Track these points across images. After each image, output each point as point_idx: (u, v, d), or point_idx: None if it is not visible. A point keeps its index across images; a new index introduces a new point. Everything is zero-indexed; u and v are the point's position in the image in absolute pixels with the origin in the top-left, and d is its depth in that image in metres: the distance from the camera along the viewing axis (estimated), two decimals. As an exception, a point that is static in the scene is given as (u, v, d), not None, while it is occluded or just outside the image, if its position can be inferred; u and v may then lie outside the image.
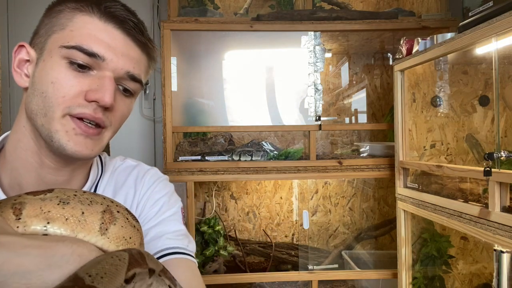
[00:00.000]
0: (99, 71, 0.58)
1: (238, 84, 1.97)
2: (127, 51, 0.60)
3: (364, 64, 2.28)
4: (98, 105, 0.57)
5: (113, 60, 0.58)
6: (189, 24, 1.75)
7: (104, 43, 0.57)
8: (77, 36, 0.57)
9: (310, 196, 2.26)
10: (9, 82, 2.27)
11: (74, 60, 0.56)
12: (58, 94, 0.56)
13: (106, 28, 0.58)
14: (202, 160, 1.76)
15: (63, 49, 0.56)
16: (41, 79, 0.57)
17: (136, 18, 0.62)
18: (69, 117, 0.57)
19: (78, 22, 0.58)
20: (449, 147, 1.61)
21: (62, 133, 0.56)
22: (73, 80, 0.56)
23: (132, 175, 0.73)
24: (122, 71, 0.60)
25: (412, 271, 1.60)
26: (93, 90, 0.57)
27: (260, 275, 1.85)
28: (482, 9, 1.09)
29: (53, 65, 0.57)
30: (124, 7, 0.61)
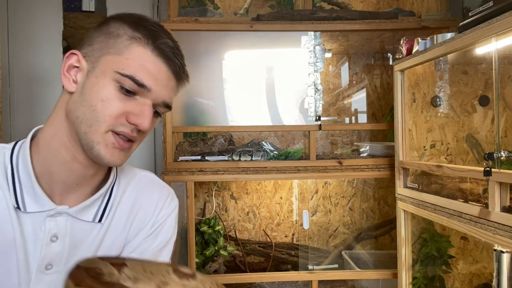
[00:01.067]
0: (142, 98, 0.68)
1: (238, 84, 1.97)
2: (167, 83, 0.70)
3: (364, 64, 2.28)
4: (136, 127, 0.68)
5: (156, 91, 0.68)
6: (189, 24, 1.75)
7: (152, 76, 0.67)
8: (132, 66, 0.66)
9: (310, 196, 2.26)
10: (9, 82, 2.27)
11: (124, 86, 0.66)
12: (106, 112, 0.65)
13: (156, 61, 0.68)
14: (202, 160, 1.76)
15: (117, 74, 0.66)
16: (92, 93, 0.66)
17: (181, 56, 0.72)
18: (111, 133, 0.67)
19: (134, 52, 0.67)
20: (449, 147, 1.61)
21: (103, 146, 0.66)
22: (119, 102, 0.66)
23: (155, 193, 0.83)
24: (160, 100, 0.70)
25: (412, 271, 1.60)
26: (135, 115, 0.67)
27: (260, 275, 1.85)
28: (482, 9, 1.09)
29: (105, 85, 0.66)
30: (174, 43, 0.71)
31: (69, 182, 0.71)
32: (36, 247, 0.68)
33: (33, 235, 0.68)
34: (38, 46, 2.34)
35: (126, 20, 0.71)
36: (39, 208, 0.68)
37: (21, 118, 2.32)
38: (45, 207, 0.69)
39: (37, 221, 0.68)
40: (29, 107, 2.33)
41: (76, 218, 0.72)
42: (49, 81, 2.33)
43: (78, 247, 0.73)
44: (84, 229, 0.74)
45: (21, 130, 2.31)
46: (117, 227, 0.78)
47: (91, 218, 0.74)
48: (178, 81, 0.73)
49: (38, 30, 2.33)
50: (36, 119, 2.34)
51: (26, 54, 2.31)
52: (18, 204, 0.67)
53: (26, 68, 2.32)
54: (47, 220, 0.69)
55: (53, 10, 2.35)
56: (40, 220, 0.68)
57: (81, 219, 0.73)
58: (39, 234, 0.68)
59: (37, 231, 0.68)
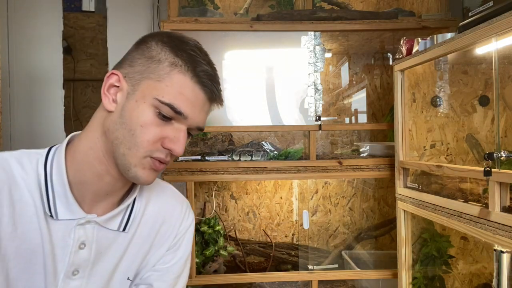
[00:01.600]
0: (178, 124, 0.71)
1: (238, 84, 1.97)
2: (203, 108, 0.72)
3: (364, 64, 2.28)
4: (170, 152, 0.71)
5: (192, 118, 0.71)
6: (189, 24, 1.75)
7: (190, 103, 0.69)
8: (171, 94, 0.68)
9: (310, 196, 2.26)
10: (9, 82, 2.27)
11: (162, 112, 0.69)
12: (144, 137, 0.68)
13: (194, 88, 0.70)
14: (202, 160, 1.76)
15: (157, 101, 0.68)
16: (132, 117, 0.69)
17: (218, 83, 0.74)
18: (148, 157, 0.70)
19: (174, 79, 0.69)
20: (449, 147, 1.61)
21: (140, 169, 0.70)
22: (157, 128, 0.69)
23: (177, 206, 0.88)
24: (195, 125, 0.73)
25: (412, 271, 1.60)
26: (170, 140, 0.70)
27: (260, 275, 1.85)
28: (482, 9, 1.09)
29: (144, 110, 0.68)
30: (212, 70, 0.73)
31: (100, 192, 0.74)
32: (64, 253, 0.71)
33: (62, 241, 0.71)
34: (38, 46, 2.34)
35: (168, 43, 0.72)
36: (70, 216, 0.71)
37: (21, 118, 2.32)
38: (76, 215, 0.72)
39: (67, 228, 0.71)
40: (29, 107, 2.33)
41: (102, 227, 0.76)
42: (49, 81, 2.33)
43: (104, 254, 0.76)
44: (109, 237, 0.77)
45: (21, 130, 2.31)
46: (141, 237, 0.82)
47: (116, 227, 0.78)
48: (213, 104, 0.76)
49: (38, 30, 2.33)
50: (36, 119, 2.34)
51: (26, 54, 2.31)
52: (50, 212, 0.70)
53: (26, 68, 2.32)
54: (77, 228, 0.72)
55: (53, 10, 2.35)
56: (70, 228, 0.72)
57: (107, 227, 0.77)
58: (67, 241, 0.71)
59: (66, 238, 0.71)
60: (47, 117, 2.34)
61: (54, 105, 2.35)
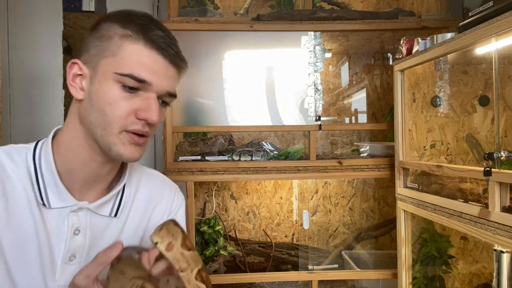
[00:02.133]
0: (146, 93, 0.71)
1: (238, 84, 1.97)
2: (166, 73, 0.73)
3: (364, 64, 2.28)
4: (146, 122, 0.71)
5: (157, 84, 0.71)
6: (189, 24, 1.75)
7: (150, 69, 0.70)
8: (128, 64, 0.69)
9: (310, 196, 2.26)
10: (9, 82, 2.27)
11: (126, 84, 0.69)
12: (115, 113, 0.69)
13: (150, 54, 0.70)
14: (202, 160, 1.76)
15: (117, 75, 0.69)
16: (99, 98, 0.70)
17: (174, 44, 0.74)
18: (125, 132, 0.71)
19: (127, 50, 0.69)
20: (449, 147, 1.61)
21: (120, 145, 0.71)
22: (125, 101, 0.70)
23: (166, 189, 0.91)
24: (164, 91, 0.73)
25: (412, 271, 1.60)
26: (143, 110, 0.70)
27: (260, 275, 1.85)
28: (482, 9, 1.09)
29: (108, 88, 0.70)
30: (164, 32, 0.72)
31: (88, 179, 0.76)
32: (60, 240, 0.74)
33: (56, 229, 0.73)
34: (38, 46, 2.34)
35: (115, 19, 0.72)
36: (63, 204, 0.74)
37: (21, 118, 2.32)
38: (68, 203, 0.74)
39: (61, 216, 0.74)
40: (29, 107, 2.33)
41: (95, 213, 0.78)
42: (49, 81, 2.33)
43: (99, 240, 0.79)
44: (102, 223, 0.80)
45: (21, 130, 2.31)
46: (134, 222, 0.84)
47: (108, 213, 0.80)
48: (177, 69, 0.75)
49: (38, 30, 2.33)
50: (36, 119, 2.34)
51: (26, 54, 2.31)
52: (43, 201, 0.72)
53: (26, 68, 2.32)
54: (70, 215, 0.75)
55: (53, 10, 2.35)
56: (63, 215, 0.74)
57: (99, 213, 0.79)
58: (62, 228, 0.74)
59: (60, 225, 0.74)
60: (47, 117, 2.34)
61: (54, 105, 2.35)
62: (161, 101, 0.75)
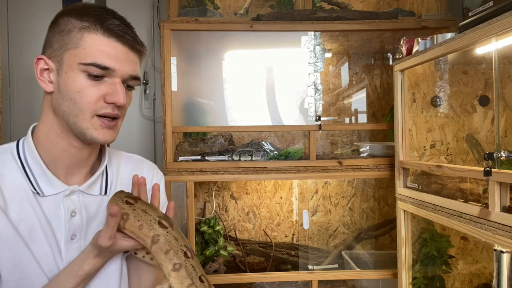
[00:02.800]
0: (110, 78, 0.77)
1: (238, 84, 1.97)
2: (127, 58, 0.78)
3: (364, 64, 2.28)
4: (115, 105, 0.77)
5: (120, 69, 0.77)
6: (189, 24, 1.75)
7: (112, 56, 0.75)
8: (91, 54, 0.74)
9: (310, 196, 2.26)
10: (9, 82, 2.27)
11: (91, 73, 0.75)
12: (85, 100, 0.75)
13: (109, 42, 0.76)
14: (202, 160, 1.76)
15: (81, 65, 0.74)
16: (67, 88, 0.76)
17: (131, 30, 0.79)
18: (96, 117, 0.76)
19: (88, 41, 0.75)
20: (449, 147, 1.61)
21: (92, 130, 0.77)
22: (93, 88, 0.75)
23: (145, 168, 0.99)
24: (127, 75, 0.78)
25: (412, 271, 1.60)
26: (110, 94, 0.76)
27: (260, 275, 1.85)
28: (482, 9, 1.09)
29: (75, 77, 0.75)
30: (119, 21, 0.78)
31: (71, 165, 0.83)
32: (60, 223, 0.80)
33: (54, 214, 0.80)
34: (38, 46, 2.33)
35: (72, 13, 0.77)
36: (55, 190, 0.80)
37: (21, 118, 2.32)
38: (59, 189, 0.80)
39: (56, 202, 0.80)
40: (29, 107, 2.33)
41: (86, 194, 0.84)
42: (49, 81, 2.33)
43: (94, 218, 0.85)
44: (95, 201, 0.86)
45: (21, 130, 2.31)
46: None
47: (98, 191, 0.87)
48: (137, 53, 0.81)
49: (38, 30, 2.33)
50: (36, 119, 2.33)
51: (26, 54, 2.31)
52: (36, 190, 0.79)
53: (26, 68, 2.32)
54: (64, 200, 0.81)
55: (53, 10, 2.34)
56: (58, 201, 0.80)
57: (90, 193, 0.85)
58: (59, 213, 0.80)
59: (57, 210, 0.80)
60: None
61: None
62: (126, 85, 0.80)
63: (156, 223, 0.75)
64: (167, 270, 0.74)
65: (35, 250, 0.77)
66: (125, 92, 0.79)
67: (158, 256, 0.75)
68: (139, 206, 0.77)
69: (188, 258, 0.75)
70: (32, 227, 0.77)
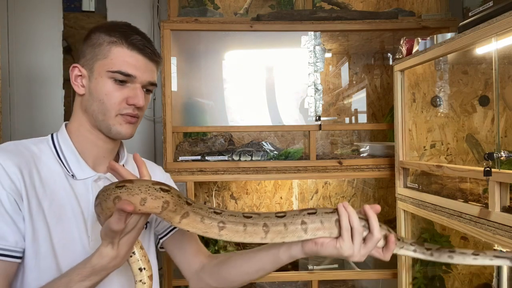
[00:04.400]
0: (132, 84, 0.91)
1: (238, 84, 1.97)
2: (146, 67, 0.93)
3: (364, 64, 2.28)
4: (135, 106, 0.91)
5: (140, 77, 0.91)
6: (189, 24, 1.75)
7: (134, 66, 0.91)
8: (117, 63, 0.90)
9: (310, 196, 2.26)
10: (9, 82, 2.27)
11: (117, 79, 0.90)
12: (111, 101, 0.90)
13: (132, 54, 0.91)
14: (202, 160, 1.76)
15: (109, 72, 0.89)
16: (97, 91, 0.91)
17: (150, 44, 0.94)
18: (119, 115, 0.91)
19: (115, 53, 0.90)
20: (449, 147, 1.61)
21: (117, 125, 0.92)
22: (117, 92, 0.90)
23: (157, 170, 1.10)
24: (146, 81, 0.93)
25: (412, 271, 1.60)
26: (131, 97, 0.91)
27: (260, 275, 1.84)
28: (482, 9, 1.09)
29: (104, 83, 0.90)
30: (141, 36, 0.93)
31: (98, 156, 0.96)
32: (88, 205, 0.91)
33: (84, 196, 0.91)
34: (38, 46, 2.34)
35: (102, 29, 0.93)
36: (85, 175, 0.93)
37: (21, 118, 2.32)
38: (89, 174, 0.93)
39: (85, 185, 0.92)
40: (29, 107, 2.33)
41: (110, 181, 0.94)
42: (49, 81, 2.34)
43: None
44: None
45: (21, 130, 2.31)
46: None
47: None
48: (154, 63, 0.95)
49: (38, 30, 2.33)
50: (36, 119, 2.34)
51: (26, 54, 2.31)
52: (70, 173, 0.91)
53: (26, 68, 2.32)
54: (93, 184, 0.93)
55: (53, 10, 2.35)
56: (87, 185, 0.92)
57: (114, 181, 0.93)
58: (88, 195, 0.92)
59: (86, 193, 0.92)
60: (47, 117, 2.34)
61: (54, 105, 2.35)
62: (145, 89, 0.94)
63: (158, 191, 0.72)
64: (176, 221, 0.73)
65: (64, 226, 0.88)
66: (145, 96, 0.93)
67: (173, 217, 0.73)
68: (136, 184, 0.74)
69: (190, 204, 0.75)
70: (62, 206, 0.88)
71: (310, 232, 0.77)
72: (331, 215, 0.77)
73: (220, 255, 1.05)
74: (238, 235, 0.76)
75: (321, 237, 0.78)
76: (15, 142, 0.92)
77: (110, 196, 0.71)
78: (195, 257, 1.04)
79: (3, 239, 0.78)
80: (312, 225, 0.76)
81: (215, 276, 0.99)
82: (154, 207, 0.70)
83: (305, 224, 0.76)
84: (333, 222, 0.77)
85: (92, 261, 0.75)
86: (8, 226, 0.80)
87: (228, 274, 0.97)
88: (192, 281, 1.04)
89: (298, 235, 0.77)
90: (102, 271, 0.76)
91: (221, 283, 0.99)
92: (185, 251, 1.05)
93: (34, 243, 0.83)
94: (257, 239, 0.76)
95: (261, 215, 0.77)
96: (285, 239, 0.77)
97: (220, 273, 0.98)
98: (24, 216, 0.82)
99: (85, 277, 0.76)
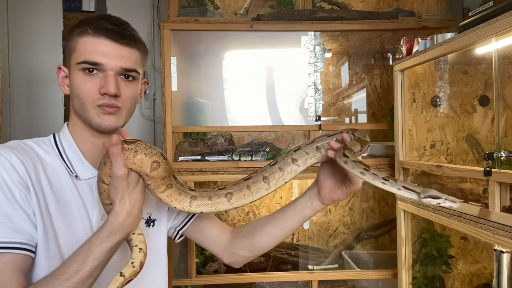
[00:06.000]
0: (103, 72, 0.87)
1: (238, 84, 1.97)
2: (118, 53, 0.88)
3: (364, 64, 2.28)
4: (108, 95, 0.87)
5: (108, 63, 0.87)
6: (189, 24, 1.75)
7: (100, 53, 0.87)
8: (83, 54, 0.87)
9: (310, 196, 2.26)
10: (9, 82, 2.27)
11: (86, 68, 0.87)
12: (85, 93, 0.87)
13: (98, 41, 0.87)
14: (202, 160, 1.76)
15: (78, 65, 0.87)
16: (73, 87, 0.90)
17: (123, 27, 0.89)
18: (96, 107, 0.88)
19: (81, 44, 0.88)
20: (449, 147, 1.61)
21: (96, 117, 0.88)
22: (89, 83, 0.87)
23: None
24: (117, 67, 0.88)
25: (412, 271, 1.60)
26: (103, 86, 0.87)
27: (260, 275, 1.85)
28: (482, 9, 1.09)
29: (76, 77, 0.88)
30: (111, 21, 0.88)
31: (96, 154, 0.93)
32: (93, 204, 0.91)
33: (89, 195, 0.91)
34: (38, 46, 2.34)
35: (77, 24, 0.91)
36: (89, 175, 0.92)
37: (21, 118, 2.32)
38: (92, 174, 0.91)
39: (88, 185, 0.92)
40: (29, 107, 2.33)
41: None
42: (49, 81, 2.33)
43: None
44: None
45: (21, 130, 2.31)
46: None
47: None
48: (130, 47, 0.90)
49: (38, 30, 2.33)
50: (36, 119, 2.34)
51: (26, 54, 2.31)
52: (74, 173, 0.90)
53: (26, 68, 2.32)
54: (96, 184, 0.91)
55: (53, 10, 2.35)
56: (90, 185, 0.91)
57: None
58: (93, 195, 0.91)
59: (91, 192, 0.91)
60: (47, 117, 2.35)
61: (54, 105, 2.35)
62: (123, 77, 0.89)
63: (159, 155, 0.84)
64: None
65: (69, 226, 0.87)
66: (124, 83, 0.90)
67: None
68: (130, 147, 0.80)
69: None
70: (68, 206, 0.88)
71: (302, 165, 0.88)
72: (311, 144, 0.89)
73: (243, 226, 1.07)
74: (246, 197, 0.86)
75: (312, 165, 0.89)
76: (17, 141, 0.91)
77: (107, 163, 0.78)
78: (220, 235, 1.06)
79: (20, 233, 0.78)
80: (301, 158, 0.88)
81: (249, 247, 1.02)
82: (144, 163, 0.78)
83: (296, 160, 0.88)
84: (314, 148, 0.88)
85: (110, 220, 0.78)
86: (24, 221, 0.79)
87: (261, 243, 1.01)
88: (225, 256, 1.06)
89: (294, 170, 0.88)
90: (119, 230, 0.78)
91: (255, 252, 1.03)
92: (209, 233, 1.07)
93: (45, 240, 0.82)
94: (264, 192, 0.87)
95: (257, 172, 0.88)
96: (285, 179, 0.89)
97: (253, 243, 1.01)
98: (34, 211, 0.82)
99: (105, 238, 0.77)
